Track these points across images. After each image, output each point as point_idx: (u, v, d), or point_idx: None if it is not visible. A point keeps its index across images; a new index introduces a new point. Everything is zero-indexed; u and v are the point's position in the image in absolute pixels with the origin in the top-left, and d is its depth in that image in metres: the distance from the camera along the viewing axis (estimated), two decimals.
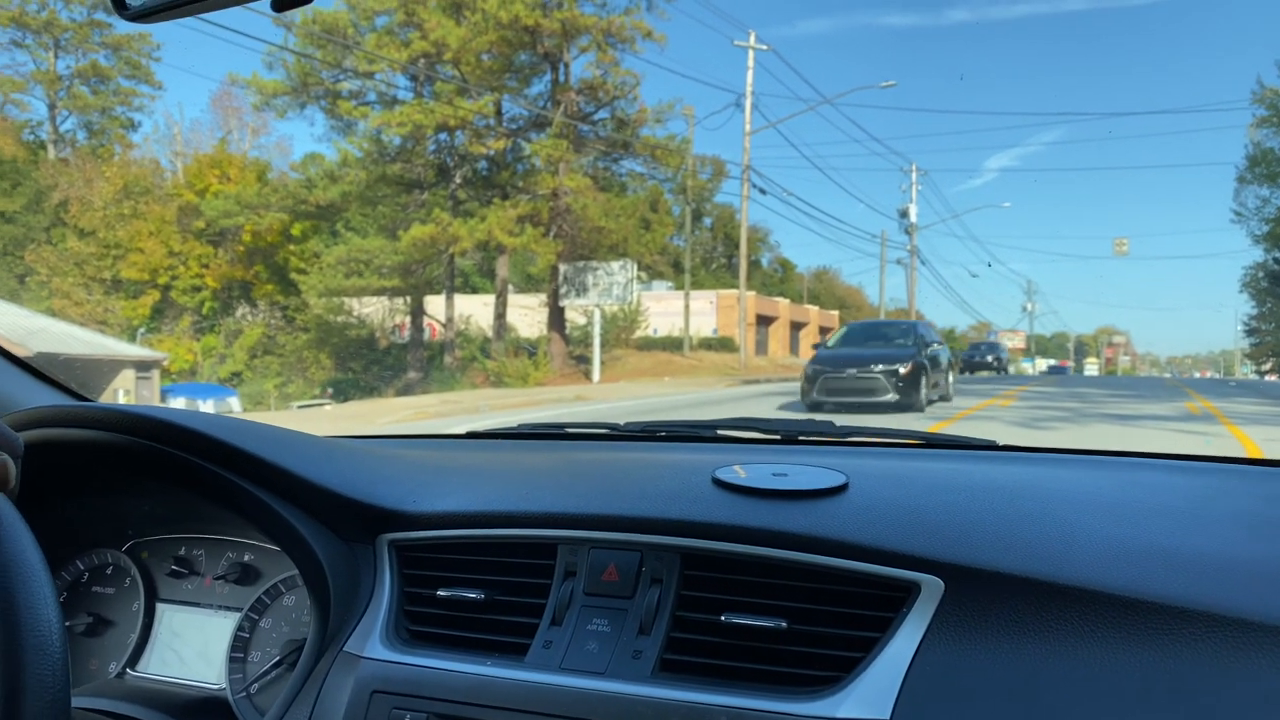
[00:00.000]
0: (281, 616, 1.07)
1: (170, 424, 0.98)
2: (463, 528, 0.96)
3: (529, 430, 1.48)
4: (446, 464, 1.18)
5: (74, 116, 37.46)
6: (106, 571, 1.18)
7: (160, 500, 1.14)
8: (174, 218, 30.34)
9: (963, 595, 0.80)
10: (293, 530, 0.95)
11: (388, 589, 0.95)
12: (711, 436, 1.36)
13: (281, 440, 1.03)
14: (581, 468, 1.16)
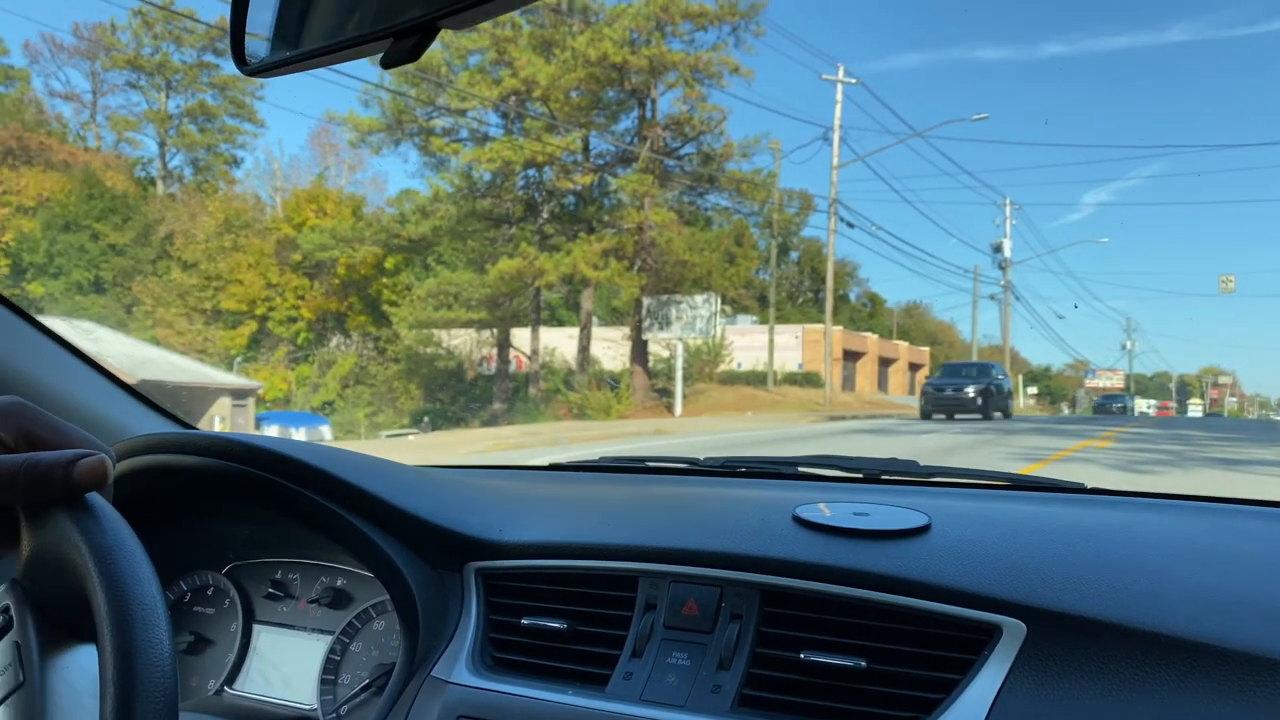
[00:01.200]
0: (371, 641, 1.10)
1: (271, 452, 1.03)
2: (547, 558, 0.98)
3: (609, 463, 1.50)
4: (531, 495, 1.21)
5: (182, 153, 39.27)
6: (207, 592, 1.23)
7: (259, 525, 1.19)
8: (272, 251, 31.45)
9: (1045, 639, 0.78)
10: (385, 557, 0.99)
11: (474, 616, 0.98)
12: (792, 474, 1.36)
13: (375, 469, 1.07)
14: (662, 502, 1.17)
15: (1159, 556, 0.90)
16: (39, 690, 0.57)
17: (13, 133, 33.86)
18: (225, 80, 37.44)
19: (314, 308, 31.73)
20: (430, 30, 0.59)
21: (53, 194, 32.23)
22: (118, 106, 38.57)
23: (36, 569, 0.62)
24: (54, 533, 0.59)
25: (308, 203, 33.56)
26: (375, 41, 0.61)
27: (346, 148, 35.23)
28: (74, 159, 34.88)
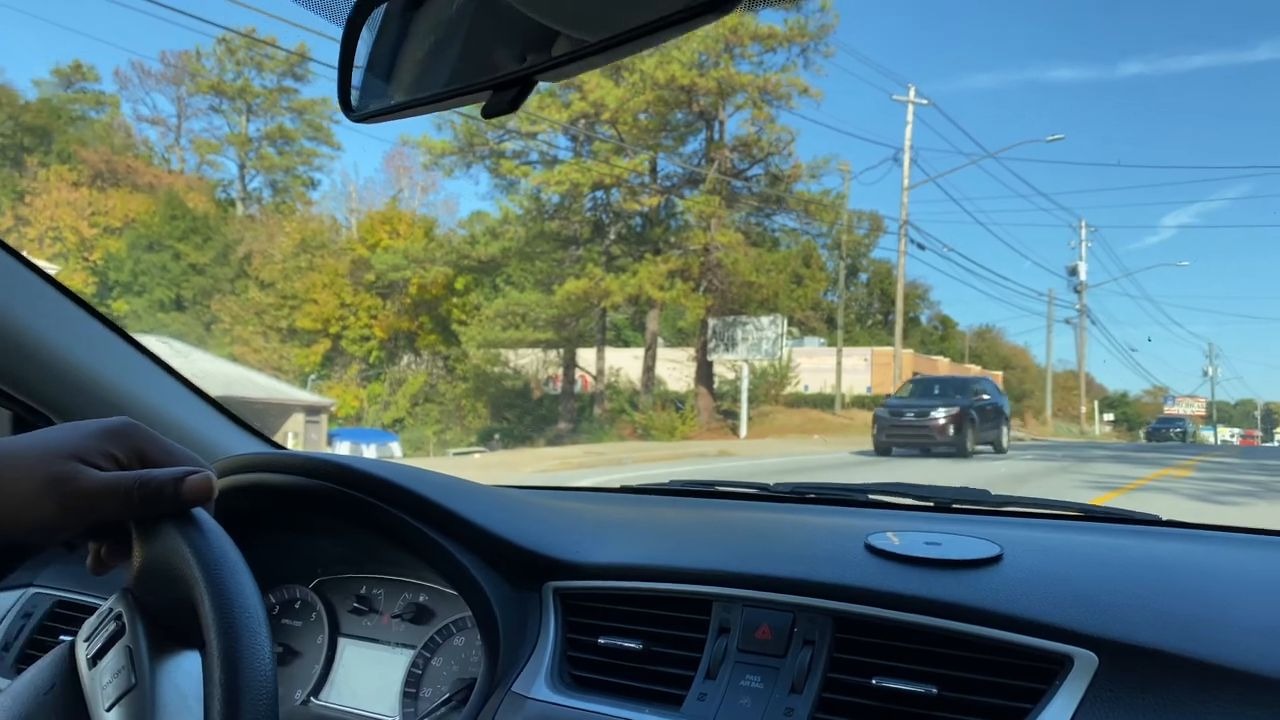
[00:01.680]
0: (452, 656, 1.14)
1: (361, 471, 1.08)
2: (623, 580, 1.01)
3: (679, 487, 1.52)
4: (605, 517, 1.24)
5: (261, 176, 40.43)
6: (295, 606, 1.28)
7: (346, 541, 1.24)
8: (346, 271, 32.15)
9: (1117, 671, 0.79)
10: (468, 575, 1.03)
11: (552, 634, 1.01)
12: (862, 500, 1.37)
13: (459, 489, 1.12)
14: (734, 527, 1.19)
15: (1235, 591, 0.90)
16: (149, 692, 0.60)
17: (102, 156, 35.22)
18: (304, 104, 38.54)
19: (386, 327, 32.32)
20: (528, 83, 0.63)
21: (138, 215, 33.42)
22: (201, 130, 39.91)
23: (147, 579, 0.66)
24: (164, 545, 0.64)
25: (381, 224, 34.27)
26: (476, 93, 0.66)
27: (420, 170, 36.02)
28: (159, 181, 36.14)
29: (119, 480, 0.63)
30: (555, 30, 0.62)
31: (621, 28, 0.57)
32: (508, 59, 0.64)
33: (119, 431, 0.66)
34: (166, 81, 38.94)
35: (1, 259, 1.22)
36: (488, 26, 0.66)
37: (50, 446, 0.63)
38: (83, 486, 0.62)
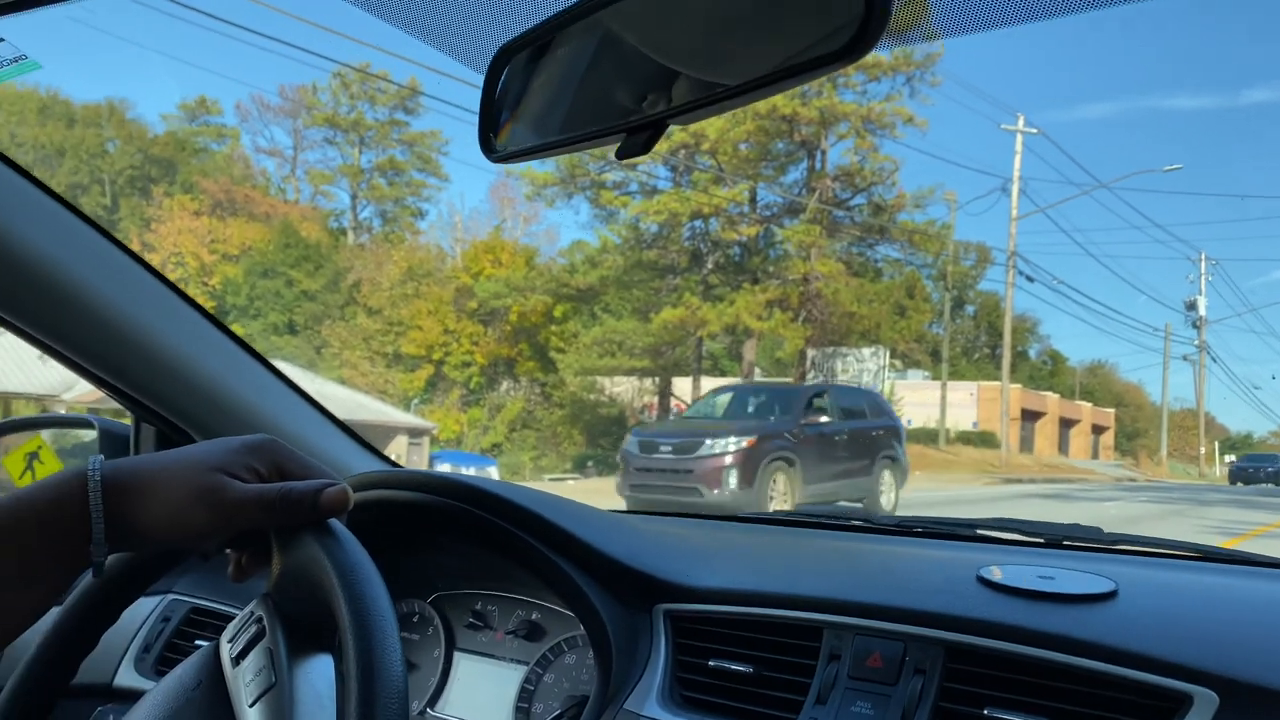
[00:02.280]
0: (563, 673, 1.18)
1: (482, 490, 1.13)
2: (733, 604, 1.03)
3: (783, 516, 1.54)
4: (712, 543, 1.26)
5: (371, 205, 41.75)
6: (413, 619, 1.33)
7: (464, 558, 1.28)
8: (450, 298, 32.92)
9: (1238, 711, 0.78)
10: (583, 594, 1.06)
11: (663, 655, 1.04)
12: (970, 535, 1.36)
13: (575, 511, 1.15)
14: (842, 556, 1.20)
15: None
16: (288, 691, 0.65)
17: (222, 186, 36.95)
18: (414, 137, 39.76)
19: (486, 353, 32.94)
20: (661, 126, 0.67)
21: (254, 243, 34.91)
22: (315, 161, 41.52)
23: (286, 585, 0.71)
24: (302, 554, 0.68)
25: (485, 253, 35.01)
26: (611, 135, 0.70)
27: (523, 201, 36.70)
28: (274, 210, 37.70)
29: (263, 491, 0.68)
30: (688, 75, 0.66)
31: (753, 74, 0.60)
32: (641, 103, 0.68)
33: (261, 447, 0.71)
34: (284, 115, 40.70)
35: (155, 286, 1.31)
36: (623, 72, 0.70)
37: (200, 460, 0.69)
38: (230, 496, 0.67)
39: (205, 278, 34.19)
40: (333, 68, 35.67)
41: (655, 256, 27.23)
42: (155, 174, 37.14)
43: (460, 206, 54.98)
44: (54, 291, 1.20)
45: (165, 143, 38.53)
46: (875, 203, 26.94)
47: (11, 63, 0.98)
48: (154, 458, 0.70)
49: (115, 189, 36.76)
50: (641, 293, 27.59)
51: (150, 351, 1.31)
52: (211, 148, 40.62)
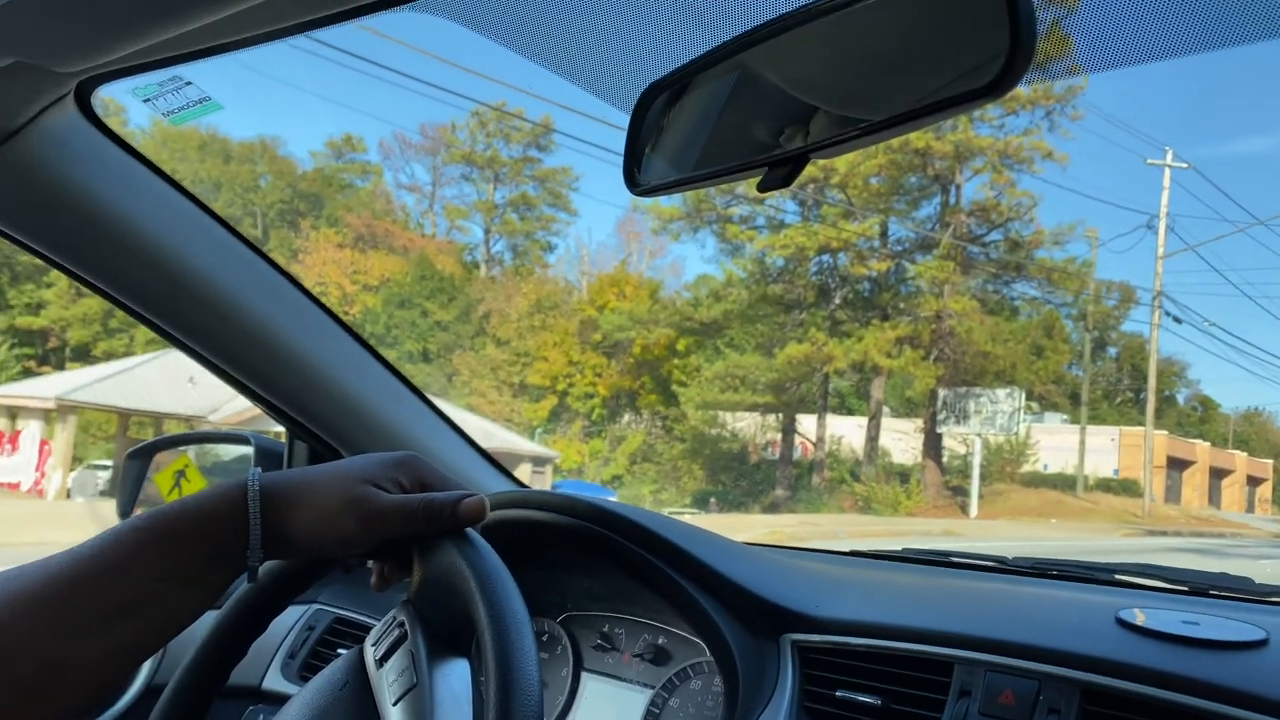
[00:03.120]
0: (688, 699, 1.19)
1: (615, 514, 1.15)
2: (861, 636, 1.03)
3: (912, 554, 1.51)
4: (839, 576, 1.25)
5: (503, 239, 42.87)
6: (543, 638, 1.37)
7: (594, 579, 1.31)
8: (576, 330, 33.47)
9: None
10: (711, 621, 1.07)
11: (790, 684, 1.04)
12: (1109, 580, 1.31)
13: (704, 538, 1.17)
14: (973, 594, 1.18)
15: None
16: (428, 692, 0.68)
17: (364, 220, 38.64)
18: (545, 173, 40.76)
19: (609, 385, 33.29)
20: (802, 160, 0.69)
21: (393, 274, 36.34)
22: (452, 197, 42.96)
23: (426, 592, 0.75)
24: (442, 561, 0.72)
25: (610, 286, 35.51)
26: (752, 169, 0.72)
27: (649, 235, 37.13)
28: (412, 244, 39.16)
29: (406, 501, 0.73)
30: (830, 111, 0.67)
31: (896, 109, 0.61)
32: (783, 138, 0.69)
33: (404, 462, 0.76)
34: (424, 152, 42.31)
35: (314, 312, 1.40)
36: (765, 108, 0.72)
37: (349, 473, 0.74)
38: (376, 506, 0.72)
39: (347, 306, 35.72)
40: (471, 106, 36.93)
41: (781, 291, 27.09)
42: (303, 208, 39.18)
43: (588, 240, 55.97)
44: (226, 316, 1.29)
45: (313, 178, 40.62)
46: (1012, 239, 26.17)
47: (197, 104, 1.07)
48: (306, 471, 0.75)
49: (266, 221, 38.90)
50: (766, 327, 27.46)
51: (307, 373, 1.39)
52: (356, 184, 42.55)
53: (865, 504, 24.07)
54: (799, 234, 25.56)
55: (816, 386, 27.52)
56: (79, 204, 1.10)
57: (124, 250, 1.18)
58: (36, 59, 0.86)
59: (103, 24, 0.80)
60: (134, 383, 21.46)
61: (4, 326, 31.10)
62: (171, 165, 36.81)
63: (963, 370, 24.99)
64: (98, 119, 1.08)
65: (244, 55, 0.97)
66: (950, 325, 24.49)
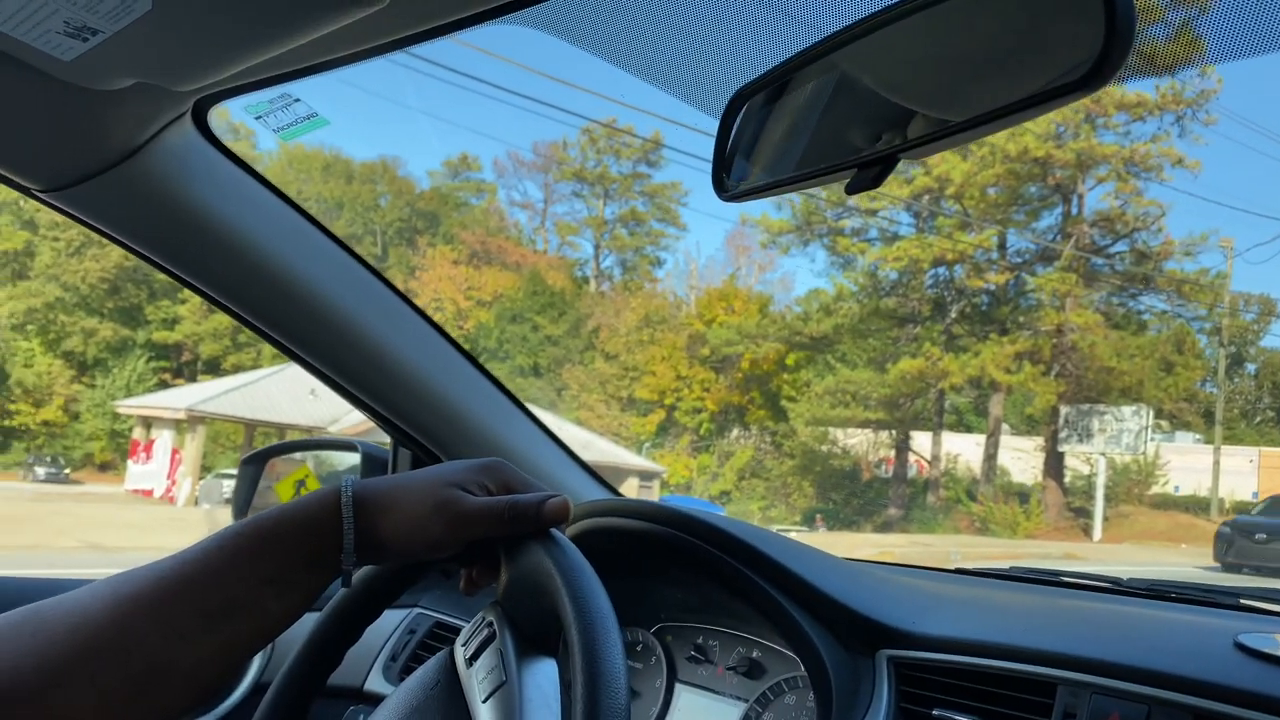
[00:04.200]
0: (782, 714, 1.16)
1: (707, 524, 1.14)
2: (960, 654, 0.99)
3: (1020, 573, 1.46)
4: (939, 593, 1.22)
5: (613, 255, 43.31)
6: (637, 648, 1.36)
7: (688, 590, 1.30)
8: (684, 345, 33.52)
9: None
10: (805, 635, 1.05)
11: (885, 701, 1.01)
12: (1232, 604, 1.24)
13: (799, 551, 1.15)
14: (1081, 614, 1.13)
15: None
16: (517, 688, 0.70)
17: (478, 237, 39.62)
18: (655, 189, 41.04)
19: (717, 400, 33.19)
20: (891, 161, 0.67)
21: (505, 290, 37.13)
22: (563, 214, 43.64)
23: (514, 592, 0.77)
24: (528, 561, 0.74)
25: (719, 300, 35.46)
26: (840, 171, 0.70)
27: (758, 249, 36.96)
28: (524, 260, 39.94)
29: (492, 504, 0.75)
30: (919, 111, 0.65)
31: (986, 107, 0.59)
32: (871, 139, 0.68)
33: (491, 467, 0.78)
34: (536, 170, 43.11)
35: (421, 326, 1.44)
36: (853, 110, 0.71)
37: (437, 478, 0.76)
38: (463, 509, 0.74)
39: (461, 321, 36.64)
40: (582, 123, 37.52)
41: (894, 305, 26.60)
42: (420, 225, 40.42)
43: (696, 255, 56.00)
44: (333, 327, 1.34)
45: (430, 197, 41.88)
46: (1139, 250, 25.09)
47: (305, 120, 1.11)
48: (397, 477, 0.77)
49: (385, 239, 40.25)
50: (878, 342, 26.99)
51: (410, 382, 1.43)
52: (471, 202, 43.68)
53: (982, 525, 23.36)
54: (913, 246, 25.07)
55: (931, 403, 26.88)
56: (196, 219, 1.16)
57: (238, 263, 1.23)
58: (155, 79, 0.91)
59: (215, 43, 0.84)
60: (259, 395, 22.47)
61: (142, 341, 32.96)
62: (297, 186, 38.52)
63: (1086, 386, 24.02)
64: (214, 137, 1.13)
65: (367, 81, 1.00)
66: (1072, 340, 23.59)
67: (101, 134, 1.00)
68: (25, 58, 0.86)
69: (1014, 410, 29.09)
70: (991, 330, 25.16)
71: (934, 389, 25.85)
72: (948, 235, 25.22)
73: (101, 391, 31.20)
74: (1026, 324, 24.90)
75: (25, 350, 31.45)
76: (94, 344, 32.20)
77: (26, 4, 0.78)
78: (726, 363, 32.77)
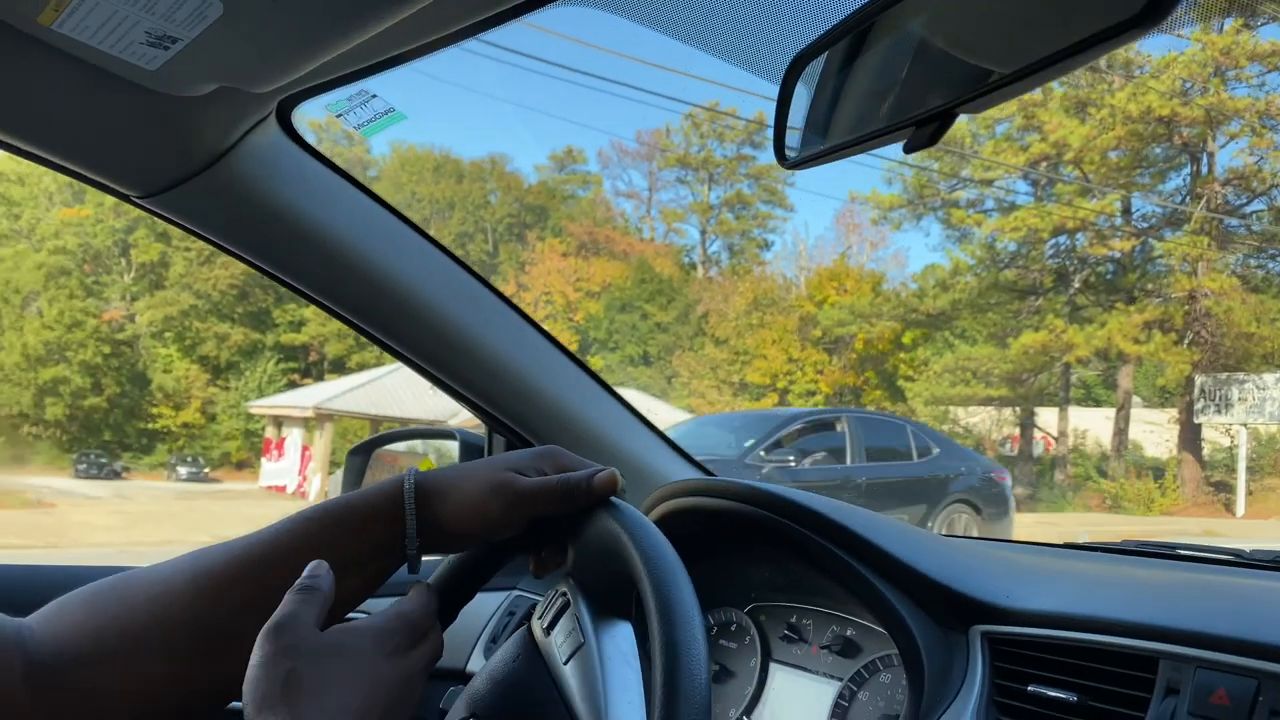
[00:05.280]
0: (878, 692, 1.15)
1: (791, 501, 1.13)
2: (1057, 629, 0.96)
3: (1133, 547, 1.39)
4: (1039, 567, 1.18)
5: (719, 240, 43.15)
6: (731, 628, 1.36)
7: (778, 569, 1.29)
8: (795, 327, 33.15)
9: None
10: (893, 610, 1.03)
11: (979, 678, 0.98)
12: None
13: (887, 526, 1.13)
14: (1191, 586, 1.07)
15: None
16: (594, 648, 0.73)
17: (586, 229, 40.00)
18: (760, 170, 40.65)
19: (831, 382, 32.75)
20: (949, 116, 0.65)
21: (614, 280, 37.40)
22: (668, 201, 43.67)
23: (583, 561, 0.80)
24: (593, 530, 0.77)
25: (829, 281, 34.94)
26: (898, 131, 0.68)
27: (869, 226, 36.21)
28: (631, 249, 40.14)
29: (545, 483, 0.79)
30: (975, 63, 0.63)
31: (1040, 54, 0.57)
32: (927, 96, 0.66)
33: (546, 453, 0.83)
34: (640, 158, 43.22)
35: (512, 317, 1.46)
36: (908, 67, 0.69)
37: (494, 464, 0.81)
38: (519, 489, 0.78)
39: (570, 314, 37.09)
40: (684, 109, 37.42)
41: (1014, 277, 25.73)
42: (529, 220, 41.06)
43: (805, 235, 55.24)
44: (423, 318, 1.38)
45: (538, 191, 42.48)
46: (1277, 208, 23.61)
47: (383, 115, 1.14)
48: (458, 466, 0.83)
49: (496, 236, 41.04)
50: (998, 316, 26.16)
51: (499, 371, 1.46)
52: (577, 194, 44.13)
53: (1114, 502, 22.44)
54: (1031, 215, 24.17)
55: (1057, 377, 25.93)
56: (286, 218, 1.20)
57: (329, 260, 1.28)
58: (235, 82, 0.95)
59: (287, 43, 0.87)
60: (382, 391, 23.25)
61: (271, 343, 34.48)
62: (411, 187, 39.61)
63: (1223, 354, 22.76)
64: (299, 137, 1.17)
65: (472, 80, 1.03)
66: (1206, 306, 22.38)
67: (190, 139, 1.05)
68: (114, 69, 0.91)
69: (1145, 382, 27.80)
70: (1118, 299, 24.10)
71: (1059, 363, 24.91)
72: (1068, 202, 24.24)
73: (235, 393, 32.81)
74: (1155, 291, 23.75)
75: (164, 356, 33.31)
76: (227, 348, 33.86)
77: (110, 17, 0.82)
78: (840, 344, 32.28)
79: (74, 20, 0.82)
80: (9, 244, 32.71)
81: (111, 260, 34.18)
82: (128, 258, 34.12)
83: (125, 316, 33.52)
